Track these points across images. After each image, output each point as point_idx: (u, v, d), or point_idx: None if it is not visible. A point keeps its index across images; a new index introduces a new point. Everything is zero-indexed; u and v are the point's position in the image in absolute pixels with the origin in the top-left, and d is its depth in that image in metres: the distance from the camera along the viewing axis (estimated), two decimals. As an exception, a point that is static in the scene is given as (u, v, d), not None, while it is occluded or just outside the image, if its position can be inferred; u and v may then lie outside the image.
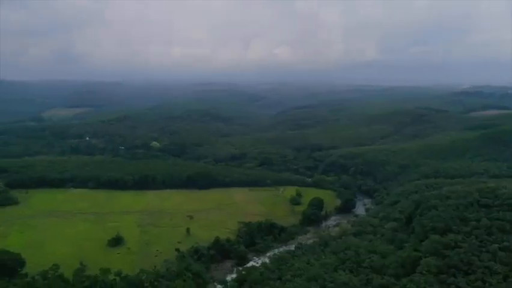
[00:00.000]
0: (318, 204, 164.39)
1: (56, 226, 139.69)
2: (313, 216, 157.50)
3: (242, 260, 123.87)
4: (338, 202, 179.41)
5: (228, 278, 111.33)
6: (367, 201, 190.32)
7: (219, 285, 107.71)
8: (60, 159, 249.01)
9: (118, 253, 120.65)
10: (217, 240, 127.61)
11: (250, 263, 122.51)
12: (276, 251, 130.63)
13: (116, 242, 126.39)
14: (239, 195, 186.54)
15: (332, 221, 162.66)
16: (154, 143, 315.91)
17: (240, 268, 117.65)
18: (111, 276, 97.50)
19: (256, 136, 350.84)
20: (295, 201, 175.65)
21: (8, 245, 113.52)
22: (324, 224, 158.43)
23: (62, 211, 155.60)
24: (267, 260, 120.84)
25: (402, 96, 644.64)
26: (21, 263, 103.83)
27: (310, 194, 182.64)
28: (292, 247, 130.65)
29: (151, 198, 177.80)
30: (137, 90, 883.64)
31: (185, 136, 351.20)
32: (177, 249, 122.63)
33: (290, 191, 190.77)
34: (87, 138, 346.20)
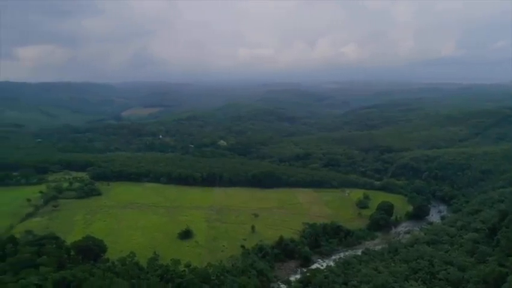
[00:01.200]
0: (387, 208, 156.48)
1: (132, 217, 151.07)
2: (381, 221, 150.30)
3: (306, 261, 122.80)
4: (410, 208, 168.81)
5: (292, 278, 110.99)
6: (442, 208, 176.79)
7: (283, 285, 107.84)
8: (136, 156, 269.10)
9: (187, 246, 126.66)
10: (281, 240, 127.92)
11: (315, 265, 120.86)
12: (341, 254, 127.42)
13: (186, 235, 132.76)
14: (303, 195, 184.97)
15: (402, 227, 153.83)
16: (221, 142, 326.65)
17: (304, 269, 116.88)
18: (181, 267, 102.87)
19: (322, 136, 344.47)
20: (362, 205, 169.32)
21: (93, 232, 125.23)
22: (393, 230, 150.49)
23: (138, 203, 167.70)
24: (332, 263, 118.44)
25: (484, 94, 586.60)
26: (104, 249, 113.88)
27: (378, 197, 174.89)
28: (358, 252, 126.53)
29: (218, 195, 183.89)
30: (205, 90, 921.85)
31: (250, 135, 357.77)
32: (242, 246, 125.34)
33: (357, 193, 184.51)
34: (160, 137, 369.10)
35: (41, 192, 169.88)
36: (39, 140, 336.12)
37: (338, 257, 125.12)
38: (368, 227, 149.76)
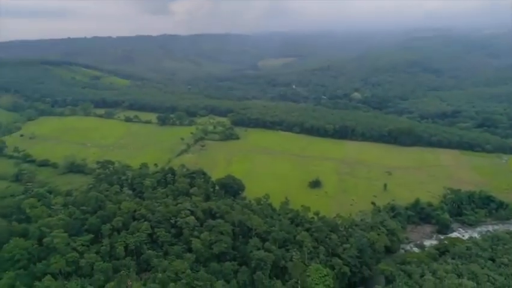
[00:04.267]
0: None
1: (267, 162, 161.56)
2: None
3: (444, 228, 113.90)
4: None
5: (426, 243, 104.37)
6: None
7: (416, 248, 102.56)
8: (271, 105, 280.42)
9: (316, 195, 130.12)
10: (417, 202, 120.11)
11: (454, 234, 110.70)
12: (489, 227, 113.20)
13: (315, 184, 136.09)
14: (447, 157, 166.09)
15: None
16: (355, 94, 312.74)
17: (442, 236, 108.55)
18: (310, 214, 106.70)
19: (475, 91, 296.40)
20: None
21: (232, 172, 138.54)
22: None
23: (272, 150, 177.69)
24: (476, 235, 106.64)
25: None
26: (242, 188, 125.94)
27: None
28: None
29: (350, 149, 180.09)
30: (340, 40, 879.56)
31: (388, 88, 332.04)
32: (373, 203, 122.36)
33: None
34: (293, 87, 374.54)
35: (191, 133, 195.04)
36: (189, 87, 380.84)
37: (485, 229, 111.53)
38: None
